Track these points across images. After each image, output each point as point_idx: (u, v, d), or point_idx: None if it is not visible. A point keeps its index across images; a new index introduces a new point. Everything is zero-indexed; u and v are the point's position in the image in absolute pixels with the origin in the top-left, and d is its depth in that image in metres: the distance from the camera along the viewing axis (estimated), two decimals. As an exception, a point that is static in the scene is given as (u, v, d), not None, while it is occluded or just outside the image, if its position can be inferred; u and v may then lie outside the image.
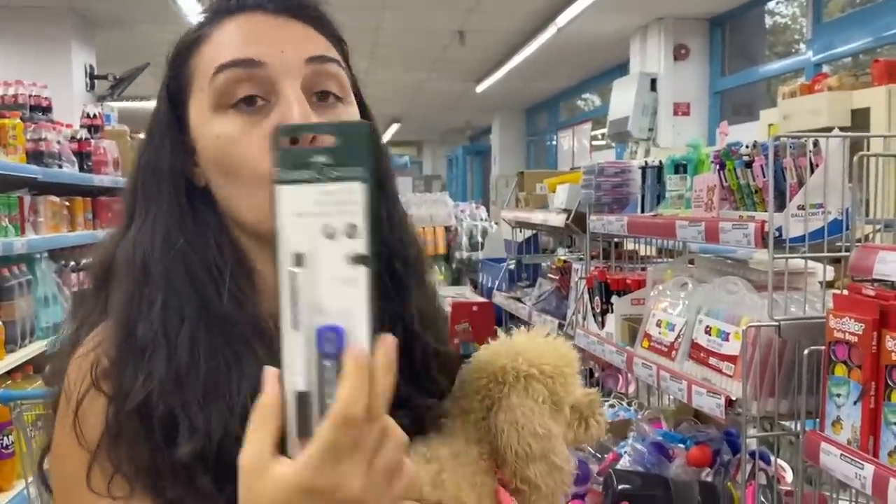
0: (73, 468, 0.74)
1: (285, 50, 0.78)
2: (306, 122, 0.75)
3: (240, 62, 0.78)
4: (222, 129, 0.78)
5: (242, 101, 0.78)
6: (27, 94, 3.81)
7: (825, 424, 1.40)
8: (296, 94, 0.77)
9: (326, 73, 0.81)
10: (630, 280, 2.29)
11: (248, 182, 0.77)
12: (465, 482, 0.83)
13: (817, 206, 1.52)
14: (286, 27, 0.81)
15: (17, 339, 2.95)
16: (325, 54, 0.81)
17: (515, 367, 0.87)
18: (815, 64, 5.25)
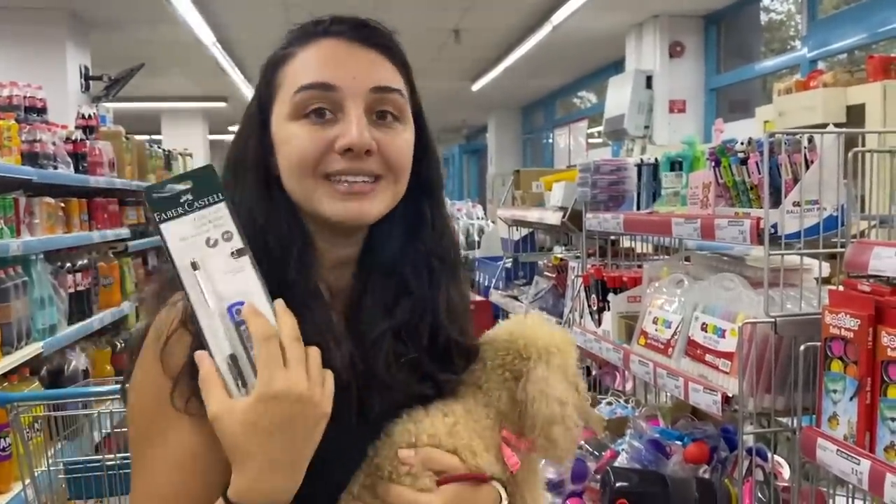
0: (155, 392, 0.90)
1: (356, 77, 0.95)
2: (361, 137, 0.93)
3: (316, 85, 0.94)
4: (292, 131, 0.95)
5: (314, 111, 0.94)
6: (22, 95, 3.80)
7: (822, 420, 1.41)
8: (357, 115, 0.94)
9: (389, 100, 0.97)
10: (626, 277, 2.29)
11: (301, 175, 0.95)
12: (476, 434, 0.99)
13: (812, 202, 1.52)
14: (359, 55, 0.97)
15: (14, 340, 2.94)
16: (389, 85, 0.97)
17: (537, 344, 1.03)
18: (810, 60, 5.26)
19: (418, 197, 1.04)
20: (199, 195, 0.85)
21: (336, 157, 0.94)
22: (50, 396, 2.63)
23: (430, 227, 1.04)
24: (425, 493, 0.94)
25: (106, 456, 2.39)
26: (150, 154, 5.39)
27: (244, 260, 0.85)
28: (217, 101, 11.22)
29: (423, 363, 1.00)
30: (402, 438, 0.96)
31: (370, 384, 0.96)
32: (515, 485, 1.02)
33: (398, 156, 0.97)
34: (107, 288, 4.14)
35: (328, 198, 0.95)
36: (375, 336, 0.98)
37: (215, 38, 7.02)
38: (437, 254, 1.04)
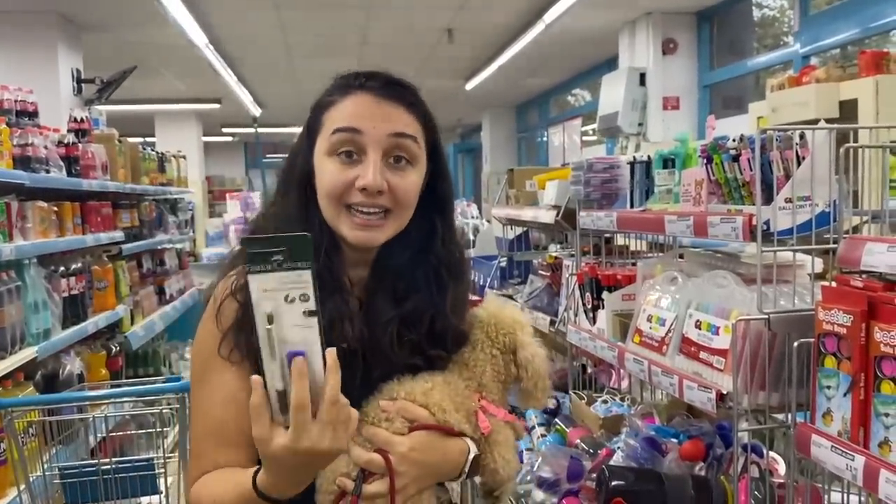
0: (209, 344, 1.21)
1: (377, 126, 1.22)
2: (375, 181, 1.19)
3: (347, 129, 1.22)
4: (327, 166, 1.23)
5: (344, 152, 1.22)
6: (13, 99, 3.78)
7: (816, 416, 1.41)
8: (374, 160, 1.21)
9: (402, 145, 1.23)
10: (621, 276, 2.29)
11: (331, 198, 1.23)
12: (448, 397, 1.25)
13: (805, 198, 1.52)
14: (384, 107, 1.23)
15: (7, 345, 2.93)
16: (404, 132, 1.23)
17: (508, 321, 1.32)
18: (803, 56, 5.27)
19: (431, 214, 1.31)
20: (291, 258, 0.96)
21: (356, 192, 1.21)
22: (44, 401, 2.62)
23: (440, 239, 1.31)
24: (398, 435, 1.19)
25: (101, 460, 2.38)
26: (144, 156, 5.38)
27: (313, 321, 0.98)
28: (210, 102, 11.20)
29: (421, 344, 1.26)
30: (386, 395, 1.23)
31: (375, 355, 1.23)
32: (489, 445, 1.27)
33: (405, 195, 1.24)
34: (101, 291, 4.12)
35: (346, 226, 1.23)
36: (385, 320, 1.25)
37: (207, 40, 7.00)
38: (445, 262, 1.31)
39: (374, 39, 7.67)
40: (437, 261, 1.30)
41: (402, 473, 1.17)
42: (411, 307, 1.27)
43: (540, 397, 1.32)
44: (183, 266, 6.27)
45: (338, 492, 1.17)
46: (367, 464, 1.17)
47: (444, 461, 1.23)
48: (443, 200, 1.33)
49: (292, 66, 9.08)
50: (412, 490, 1.19)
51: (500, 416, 1.29)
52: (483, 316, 1.34)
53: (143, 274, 5.13)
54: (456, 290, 1.32)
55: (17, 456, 2.36)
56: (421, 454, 1.19)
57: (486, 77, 9.34)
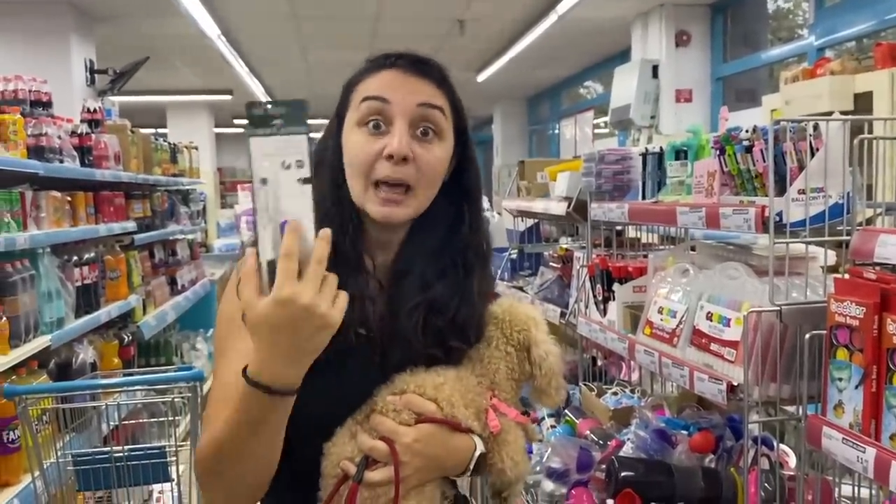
0: (231, 315, 1.20)
1: (405, 97, 1.22)
2: (401, 146, 1.19)
3: (375, 98, 1.22)
4: (355, 137, 1.23)
5: (372, 123, 1.22)
6: (27, 89, 3.80)
7: (827, 409, 1.40)
8: (401, 129, 1.21)
9: (429, 116, 1.23)
10: (632, 268, 2.28)
11: (359, 171, 1.23)
12: (458, 393, 1.23)
13: (818, 190, 1.51)
14: (412, 81, 1.24)
15: (21, 334, 2.95)
16: (431, 102, 1.23)
17: (523, 318, 1.31)
18: (817, 48, 5.22)
19: (459, 200, 1.31)
20: (289, 122, 0.99)
21: (382, 163, 1.20)
22: (58, 389, 2.64)
23: (468, 226, 1.31)
24: (403, 426, 1.19)
25: (114, 448, 2.40)
26: (156, 147, 5.40)
27: (307, 189, 0.99)
28: (222, 94, 11.22)
29: (444, 333, 1.26)
30: (398, 386, 1.22)
31: (394, 341, 1.24)
32: (497, 445, 1.26)
33: (429, 167, 1.23)
34: (114, 281, 4.15)
35: (371, 202, 1.23)
36: (412, 305, 1.25)
37: (220, 31, 7.02)
38: (472, 248, 1.31)
39: (385, 30, 7.67)
40: (465, 246, 1.30)
41: (405, 464, 1.17)
42: (439, 292, 1.27)
43: (554, 395, 1.31)
44: (195, 257, 6.30)
45: (340, 475, 1.18)
46: (371, 450, 1.18)
47: (448, 455, 1.23)
48: (470, 187, 1.33)
49: (304, 57, 9.08)
50: (413, 481, 1.19)
51: (511, 415, 1.28)
52: (498, 312, 1.33)
53: (155, 264, 5.16)
54: (482, 277, 1.33)
55: (32, 442, 2.39)
56: (425, 446, 1.19)
57: (497, 69, 9.31)
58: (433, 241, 1.29)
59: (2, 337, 2.78)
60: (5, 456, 2.71)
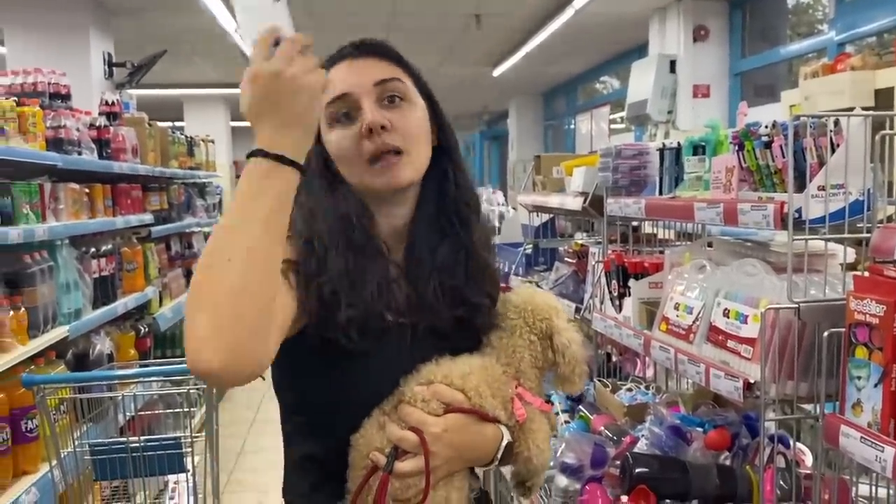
0: None
1: (362, 81, 1.26)
2: (374, 116, 1.23)
3: (337, 98, 1.26)
4: (333, 136, 1.27)
5: (343, 115, 1.26)
6: (46, 81, 3.84)
7: (845, 407, 1.39)
8: (369, 105, 1.25)
9: (389, 87, 1.27)
10: (648, 263, 2.27)
11: (350, 161, 1.26)
12: (486, 383, 1.25)
13: (838, 186, 1.50)
14: (364, 64, 1.29)
15: (40, 324, 2.98)
16: (385, 77, 1.27)
17: (543, 306, 1.32)
18: (837, 44, 5.17)
19: (442, 161, 1.34)
20: None
21: (366, 142, 1.23)
22: (75, 379, 2.67)
23: (453, 183, 1.34)
24: (432, 416, 1.20)
25: (130, 438, 2.42)
26: (173, 140, 5.43)
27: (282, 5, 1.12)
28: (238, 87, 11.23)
29: (462, 290, 1.30)
30: (424, 376, 1.23)
31: (421, 314, 1.27)
32: (523, 433, 1.27)
33: (409, 125, 1.26)
34: (130, 273, 4.18)
35: (371, 176, 1.25)
36: (425, 274, 1.28)
37: (237, 25, 7.03)
38: (463, 201, 1.34)
39: (401, 25, 7.66)
40: (455, 203, 1.33)
41: (435, 454, 1.18)
42: (445, 254, 1.30)
43: (577, 382, 1.32)
44: (210, 249, 6.33)
45: (370, 466, 1.18)
46: (401, 441, 1.18)
47: (476, 445, 1.24)
48: (448, 145, 1.36)
49: (319, 52, 9.07)
50: (443, 472, 1.20)
51: (536, 404, 1.29)
52: (518, 301, 1.33)
53: (171, 256, 5.20)
54: (478, 227, 1.36)
55: (49, 432, 2.41)
56: (454, 436, 1.20)
57: (513, 63, 9.29)
58: (430, 209, 1.33)
59: (20, 327, 2.81)
60: (24, 445, 2.74)
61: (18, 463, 2.73)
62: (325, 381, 1.23)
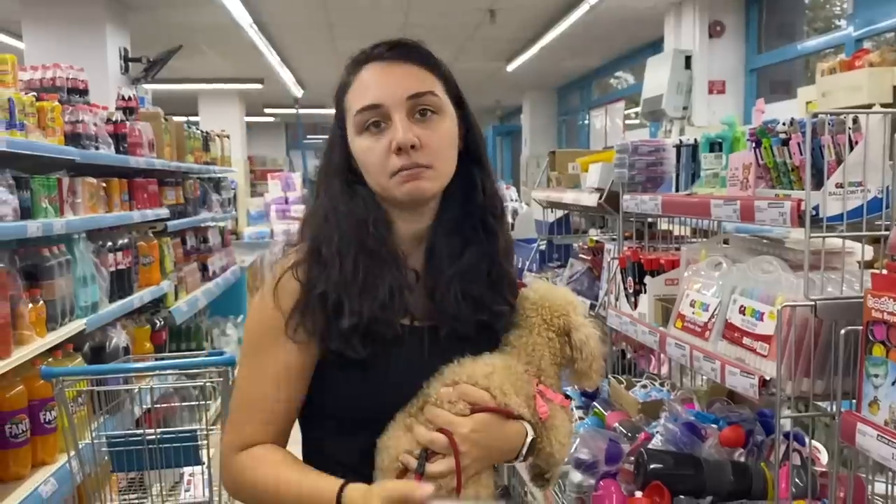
0: (268, 319, 1.25)
1: (394, 92, 1.24)
2: (405, 137, 1.21)
3: (367, 108, 1.24)
4: (361, 144, 1.26)
5: (372, 124, 1.25)
6: (64, 76, 3.86)
7: (862, 405, 1.39)
8: (400, 120, 1.23)
9: (422, 101, 1.25)
10: (664, 260, 2.27)
11: (376, 172, 1.25)
12: (509, 381, 1.26)
13: (856, 184, 1.49)
14: (395, 71, 1.26)
15: (58, 317, 3.01)
16: (420, 91, 1.25)
17: (560, 302, 1.33)
18: (855, 39, 5.12)
19: (469, 167, 1.32)
20: None
21: (394, 158, 1.22)
22: (92, 371, 2.70)
23: (481, 190, 1.33)
24: (459, 416, 1.21)
25: (147, 430, 2.44)
26: (189, 135, 5.45)
27: None
28: (253, 82, 11.30)
29: (483, 297, 1.30)
30: (448, 377, 1.24)
31: (439, 320, 1.28)
32: (545, 429, 1.29)
33: (439, 145, 1.25)
34: (146, 267, 4.21)
35: (397, 187, 1.24)
36: (447, 279, 1.28)
37: (251, 20, 7.06)
38: (490, 210, 1.33)
39: (415, 20, 7.66)
40: (482, 210, 1.33)
41: (465, 453, 1.20)
42: (468, 261, 1.30)
43: (594, 377, 1.33)
44: (225, 244, 6.37)
45: (400, 469, 1.20)
46: (431, 443, 1.19)
47: (503, 443, 1.25)
48: (476, 150, 1.34)
49: (334, 47, 9.11)
50: (472, 471, 1.22)
51: (557, 400, 1.31)
52: (535, 298, 1.34)
53: (186, 251, 5.22)
54: (503, 236, 1.36)
55: (67, 423, 2.44)
56: (482, 435, 1.21)
57: (527, 58, 9.27)
58: (454, 214, 1.32)
59: (39, 320, 2.83)
60: (43, 436, 2.77)
61: (37, 453, 2.76)
62: (344, 390, 1.25)
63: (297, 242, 1.33)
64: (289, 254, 1.31)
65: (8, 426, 2.60)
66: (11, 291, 2.65)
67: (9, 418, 2.61)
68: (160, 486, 2.62)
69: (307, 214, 1.38)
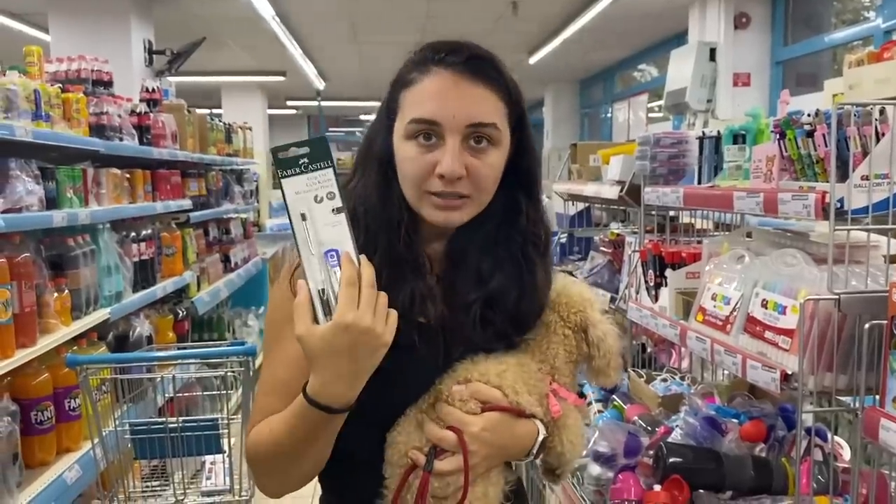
0: (284, 307, 1.19)
1: (456, 115, 1.17)
2: (453, 168, 1.16)
3: (423, 121, 1.18)
4: (406, 151, 1.21)
5: (423, 134, 1.19)
6: (89, 68, 3.90)
7: (885, 401, 1.37)
8: (452, 147, 1.17)
9: (481, 132, 1.19)
10: (685, 253, 2.25)
11: (412, 184, 1.21)
12: (521, 380, 1.24)
13: (882, 176, 1.47)
14: (464, 91, 1.18)
15: (82, 306, 3.05)
16: (482, 121, 1.18)
17: (577, 298, 1.30)
18: (884, 31, 5.04)
19: (515, 189, 1.27)
20: (314, 160, 1.07)
21: (435, 180, 1.18)
22: (116, 360, 2.73)
23: (524, 215, 1.28)
24: (470, 415, 1.19)
25: (168, 419, 2.47)
26: (211, 127, 5.49)
27: (341, 217, 1.07)
28: (275, 75, 11.34)
29: (505, 329, 1.26)
30: (461, 374, 1.23)
31: (455, 335, 1.24)
32: (557, 428, 1.27)
33: (485, 179, 1.20)
34: (169, 257, 4.25)
35: (427, 207, 1.21)
36: (468, 301, 1.24)
37: (274, 12, 7.08)
38: (530, 239, 1.28)
39: (438, 12, 7.64)
40: (524, 238, 1.27)
41: (474, 452, 1.18)
42: (496, 287, 1.24)
43: (612, 375, 1.31)
44: (247, 235, 6.41)
45: (409, 465, 1.19)
46: (441, 440, 1.19)
47: (514, 442, 1.24)
48: (527, 176, 1.28)
49: (356, 39, 9.12)
50: (482, 469, 1.21)
51: (570, 399, 1.29)
52: (551, 295, 1.31)
53: (209, 242, 5.27)
54: (542, 269, 1.30)
55: (91, 411, 2.47)
56: (492, 434, 1.20)
57: (549, 51, 9.21)
58: (487, 230, 1.26)
59: (64, 309, 2.88)
60: (68, 423, 2.81)
61: (62, 440, 2.81)
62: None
63: None
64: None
65: (34, 413, 2.65)
66: (37, 280, 2.69)
67: (35, 405, 2.65)
68: (182, 473, 2.65)
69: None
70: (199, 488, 2.77)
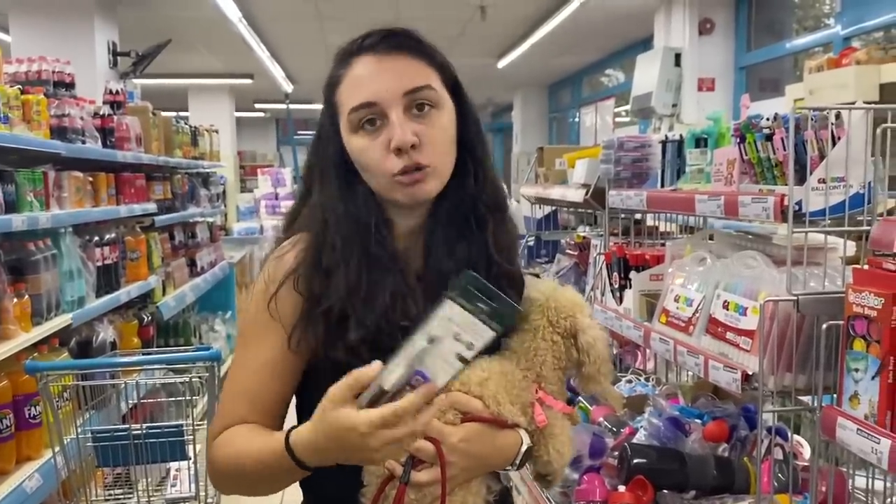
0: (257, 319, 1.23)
1: (389, 88, 1.18)
2: (404, 136, 1.16)
3: (361, 106, 1.19)
4: (357, 144, 1.21)
5: (367, 122, 1.20)
6: (50, 70, 3.83)
7: (842, 399, 1.39)
8: (398, 119, 1.18)
9: (420, 96, 1.20)
10: (649, 256, 2.28)
11: (374, 173, 1.21)
12: (504, 389, 1.21)
13: (839, 179, 1.50)
14: (389, 65, 1.20)
15: (43, 312, 2.99)
16: (416, 86, 1.19)
17: (566, 303, 1.27)
18: (843, 38, 5.15)
19: (461, 154, 1.26)
20: (490, 316, 1.02)
21: (393, 158, 1.18)
22: (77, 366, 2.68)
23: (472, 177, 1.27)
24: (448, 425, 1.17)
25: (132, 426, 2.44)
26: (177, 130, 5.42)
27: (458, 365, 1.04)
28: (243, 77, 11.26)
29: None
30: None
31: None
32: (543, 437, 1.24)
33: (439, 144, 1.21)
34: (134, 262, 4.19)
35: (398, 191, 1.21)
36: (444, 278, 1.19)
37: (241, 14, 7.03)
38: (482, 200, 1.27)
39: (406, 15, 7.65)
40: (473, 200, 1.26)
41: (451, 464, 1.16)
42: (462, 254, 1.25)
43: (603, 382, 1.28)
44: (214, 239, 6.34)
45: (385, 475, 1.17)
46: (418, 451, 1.15)
47: (494, 453, 1.22)
48: (469, 139, 1.28)
49: (324, 42, 9.08)
50: (460, 480, 1.19)
51: (557, 407, 1.26)
52: (541, 299, 1.28)
53: (174, 246, 5.20)
54: (497, 227, 1.29)
55: (52, 418, 2.43)
56: (471, 445, 1.18)
57: (518, 55, 9.27)
58: (448, 204, 1.26)
59: (24, 314, 2.82)
60: (27, 431, 2.75)
61: (21, 449, 2.75)
62: None
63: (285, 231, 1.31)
64: (283, 246, 1.27)
65: (-8, 421, 2.59)
66: (-5, 285, 2.64)
67: (-7, 413, 2.60)
68: (146, 481, 2.61)
69: (295, 207, 1.34)
70: (164, 495, 2.73)
